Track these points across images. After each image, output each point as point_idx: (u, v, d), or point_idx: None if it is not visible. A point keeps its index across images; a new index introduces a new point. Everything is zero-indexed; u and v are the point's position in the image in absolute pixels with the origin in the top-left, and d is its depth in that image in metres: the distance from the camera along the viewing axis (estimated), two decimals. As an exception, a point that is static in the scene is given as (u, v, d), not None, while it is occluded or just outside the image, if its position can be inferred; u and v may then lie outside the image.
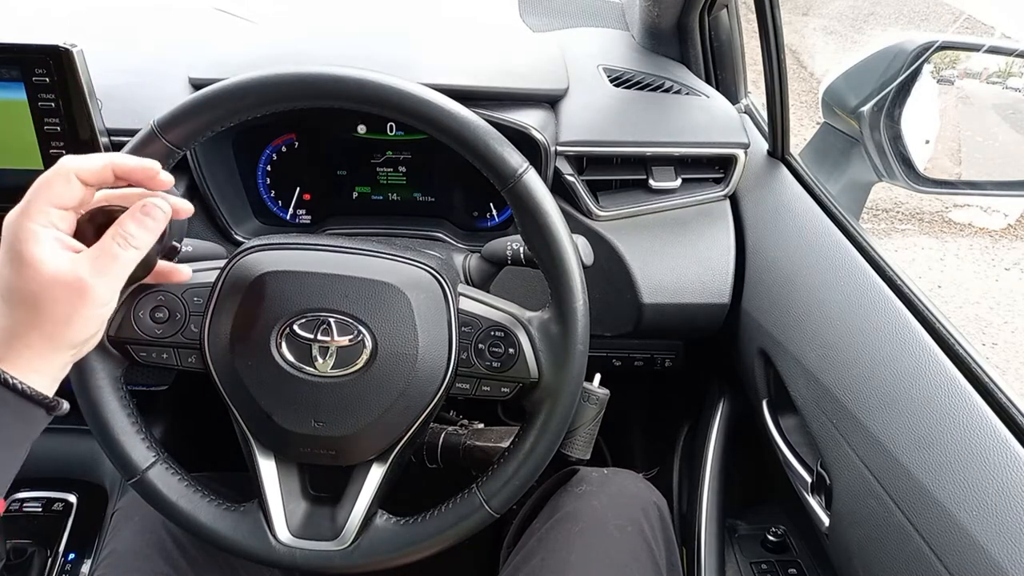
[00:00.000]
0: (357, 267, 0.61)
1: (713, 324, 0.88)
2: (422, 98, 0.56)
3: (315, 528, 0.63)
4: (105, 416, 0.61)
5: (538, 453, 0.61)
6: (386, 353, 0.59)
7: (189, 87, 0.85)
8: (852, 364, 0.66)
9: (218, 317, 0.60)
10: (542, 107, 0.87)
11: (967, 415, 0.55)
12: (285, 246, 0.63)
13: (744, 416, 0.95)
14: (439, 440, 0.76)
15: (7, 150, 0.76)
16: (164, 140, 0.56)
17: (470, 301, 0.63)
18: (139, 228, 0.49)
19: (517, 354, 0.61)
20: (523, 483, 0.61)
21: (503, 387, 0.62)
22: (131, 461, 0.62)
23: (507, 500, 0.61)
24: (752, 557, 0.86)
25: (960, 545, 0.50)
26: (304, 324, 0.59)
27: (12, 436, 0.47)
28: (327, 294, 0.59)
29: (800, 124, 3.05)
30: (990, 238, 3.07)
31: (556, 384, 0.60)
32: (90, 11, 1.04)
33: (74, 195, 0.48)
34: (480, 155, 0.57)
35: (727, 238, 0.87)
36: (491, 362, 0.61)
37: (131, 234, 0.49)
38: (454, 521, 0.62)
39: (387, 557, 0.62)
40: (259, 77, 0.56)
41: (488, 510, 0.61)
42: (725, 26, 1.03)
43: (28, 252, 0.46)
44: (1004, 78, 2.14)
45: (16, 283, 0.46)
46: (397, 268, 0.61)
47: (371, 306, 0.59)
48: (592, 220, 0.85)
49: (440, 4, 1.16)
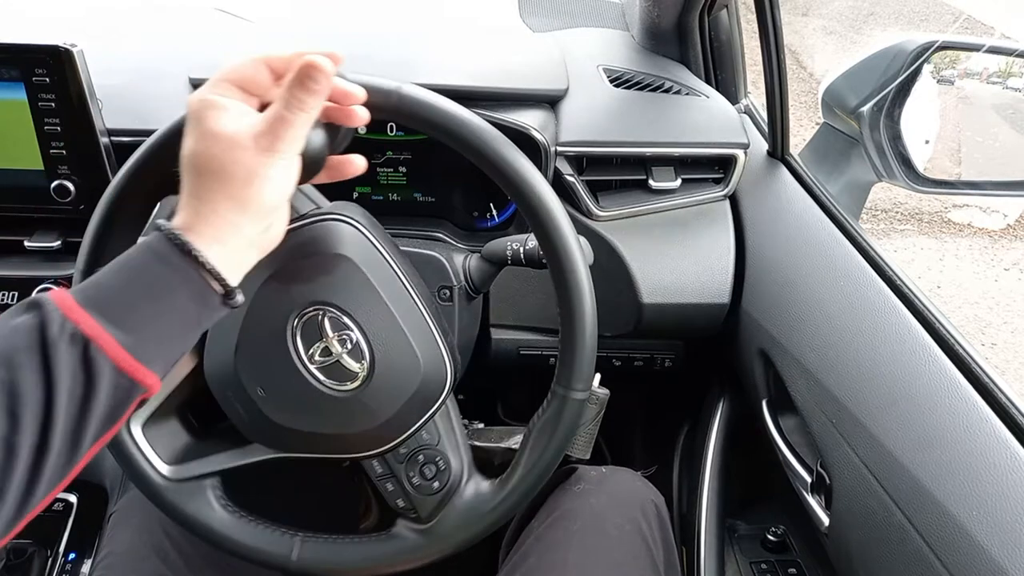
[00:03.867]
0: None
1: (713, 324, 0.88)
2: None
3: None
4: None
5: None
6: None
7: (189, 87, 0.85)
8: (852, 364, 0.66)
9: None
10: (542, 107, 0.87)
11: (967, 415, 0.55)
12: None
13: (744, 416, 0.95)
14: (439, 440, 0.76)
15: (7, 150, 0.76)
16: None
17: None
18: (304, 92, 0.48)
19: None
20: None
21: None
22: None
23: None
24: (752, 557, 0.86)
25: (960, 545, 0.50)
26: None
27: (187, 318, 0.47)
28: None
29: (799, 124, 3.05)
30: (989, 238, 3.08)
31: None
32: (90, 11, 1.04)
33: (260, 80, 0.50)
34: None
35: (727, 238, 0.87)
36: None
37: (298, 98, 0.48)
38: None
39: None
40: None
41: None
42: (725, 26, 1.03)
43: (210, 118, 0.47)
44: (1004, 78, 2.15)
45: (200, 149, 0.47)
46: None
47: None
48: (592, 220, 0.85)
49: (440, 5, 1.16)
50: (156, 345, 0.45)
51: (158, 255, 0.45)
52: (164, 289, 0.45)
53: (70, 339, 0.41)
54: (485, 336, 0.89)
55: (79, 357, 0.41)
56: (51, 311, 0.42)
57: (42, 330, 0.41)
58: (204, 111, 0.47)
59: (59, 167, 0.76)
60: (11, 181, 0.77)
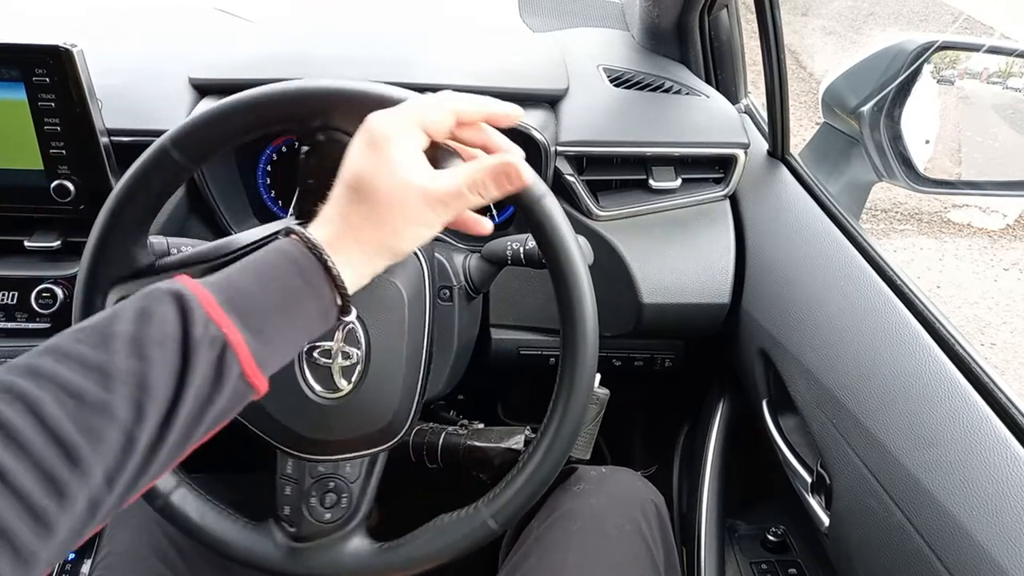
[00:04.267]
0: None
1: (713, 324, 0.88)
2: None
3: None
4: None
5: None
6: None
7: (189, 87, 0.85)
8: (852, 364, 0.66)
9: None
10: (542, 107, 0.87)
11: (967, 415, 0.55)
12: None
13: (744, 416, 0.95)
14: (439, 440, 0.76)
15: (7, 150, 0.76)
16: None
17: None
18: (496, 186, 0.50)
19: None
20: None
21: None
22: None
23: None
24: (752, 557, 0.86)
25: (960, 545, 0.50)
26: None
27: (309, 331, 0.47)
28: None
29: (799, 124, 3.05)
30: (989, 238, 3.08)
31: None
32: (90, 11, 1.04)
33: (442, 128, 0.50)
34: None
35: (727, 238, 0.87)
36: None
37: (487, 187, 0.49)
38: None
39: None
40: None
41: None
42: (725, 26, 1.03)
43: (393, 151, 0.47)
44: (1004, 78, 2.15)
45: (369, 171, 0.47)
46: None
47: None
48: (592, 220, 0.85)
49: (440, 5, 1.16)
50: (277, 354, 0.45)
51: (299, 267, 0.46)
52: (297, 301, 0.45)
53: (210, 342, 0.41)
54: (485, 336, 0.89)
55: (214, 360, 0.41)
56: (195, 309, 0.41)
57: (185, 328, 0.41)
58: (388, 137, 0.48)
59: (59, 167, 0.76)
60: (11, 181, 0.77)
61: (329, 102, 0.55)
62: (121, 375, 0.38)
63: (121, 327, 0.40)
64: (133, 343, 0.39)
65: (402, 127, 0.48)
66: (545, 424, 0.59)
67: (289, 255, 0.46)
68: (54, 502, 0.35)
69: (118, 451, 0.38)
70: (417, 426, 0.75)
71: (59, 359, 0.38)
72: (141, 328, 0.40)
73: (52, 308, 0.78)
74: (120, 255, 0.58)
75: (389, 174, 0.47)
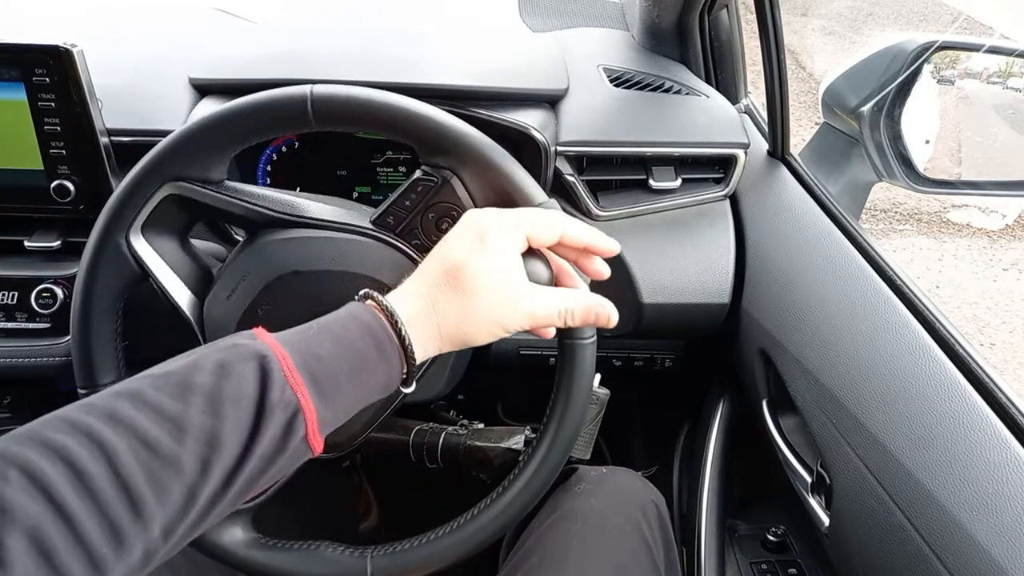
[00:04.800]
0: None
1: (713, 324, 0.88)
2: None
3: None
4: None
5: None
6: None
7: (189, 87, 0.85)
8: (852, 364, 0.66)
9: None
10: (542, 107, 0.87)
11: (967, 415, 0.55)
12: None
13: (744, 416, 0.95)
14: (439, 440, 0.76)
15: (7, 150, 0.76)
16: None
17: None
18: (582, 320, 0.52)
19: None
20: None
21: None
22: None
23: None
24: (752, 557, 0.86)
25: (960, 545, 0.50)
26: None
27: (370, 397, 0.47)
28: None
29: (799, 125, 3.05)
30: (988, 238, 3.08)
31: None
32: (90, 11, 1.04)
33: (544, 242, 0.52)
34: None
35: (727, 238, 0.87)
36: None
37: (574, 315, 0.52)
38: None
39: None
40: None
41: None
42: (725, 26, 1.03)
43: (501, 254, 0.49)
44: (1004, 78, 2.14)
45: (474, 272, 0.48)
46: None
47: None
48: (592, 220, 0.85)
49: (440, 4, 1.16)
50: (337, 417, 0.46)
51: (376, 340, 0.46)
52: (368, 371, 0.46)
53: (284, 406, 0.42)
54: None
55: (284, 424, 0.42)
56: (275, 372, 0.42)
57: (263, 390, 0.41)
58: (499, 240, 0.49)
59: (59, 167, 0.76)
60: (11, 181, 0.77)
61: (478, 162, 0.57)
62: (195, 430, 0.39)
63: (200, 379, 0.41)
64: (210, 398, 0.40)
65: (512, 231, 0.50)
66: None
67: (368, 326, 0.47)
68: (112, 551, 0.36)
69: (179, 505, 0.38)
70: (416, 426, 0.75)
71: (138, 406, 0.39)
72: (220, 383, 0.41)
73: (52, 308, 0.78)
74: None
75: (493, 276, 0.48)
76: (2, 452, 0.35)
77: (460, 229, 0.51)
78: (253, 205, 0.60)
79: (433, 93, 0.82)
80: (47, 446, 0.36)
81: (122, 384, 0.40)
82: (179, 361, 0.42)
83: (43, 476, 0.34)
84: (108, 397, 0.39)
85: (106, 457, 0.36)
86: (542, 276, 0.53)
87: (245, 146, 0.59)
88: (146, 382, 0.40)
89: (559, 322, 0.52)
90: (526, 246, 0.51)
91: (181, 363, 0.42)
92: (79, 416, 0.38)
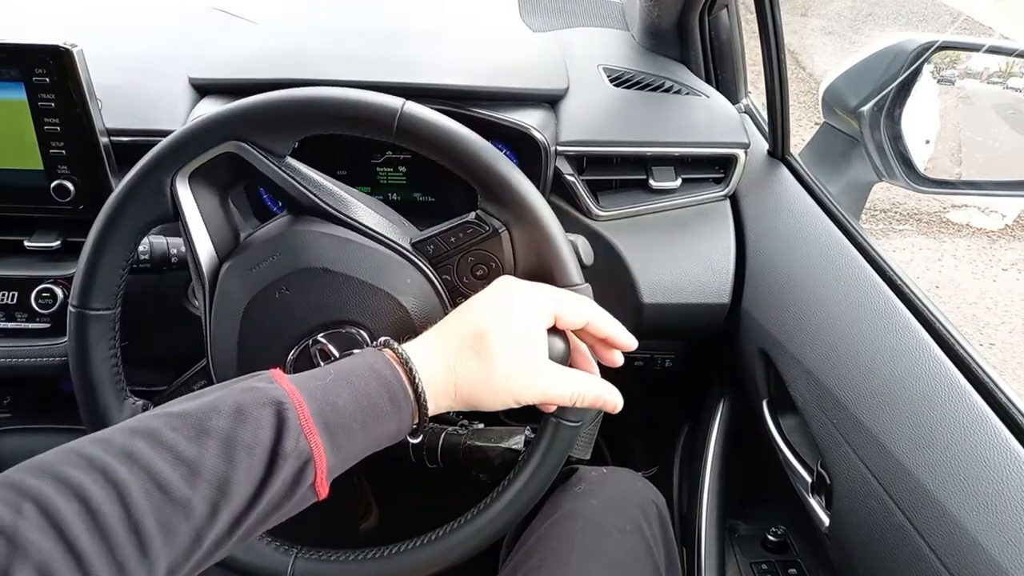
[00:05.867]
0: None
1: (713, 324, 0.88)
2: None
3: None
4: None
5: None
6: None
7: (189, 87, 0.85)
8: (852, 364, 0.66)
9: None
10: (542, 107, 0.87)
11: (967, 415, 0.55)
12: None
13: (744, 416, 0.95)
14: (439, 440, 0.76)
15: (7, 150, 0.76)
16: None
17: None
18: (592, 403, 0.54)
19: None
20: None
21: None
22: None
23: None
24: (752, 557, 0.86)
25: (960, 545, 0.50)
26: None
27: (379, 444, 0.48)
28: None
29: (799, 125, 3.05)
30: (988, 238, 3.07)
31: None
32: (90, 11, 1.04)
33: (569, 324, 0.54)
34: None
35: (727, 238, 0.87)
36: None
37: (583, 400, 0.54)
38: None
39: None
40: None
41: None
42: (725, 26, 1.03)
43: (531, 329, 0.51)
44: (1004, 78, 2.14)
45: (500, 341, 0.49)
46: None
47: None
48: (592, 220, 0.85)
49: (440, 4, 1.16)
50: (344, 464, 0.46)
51: (391, 393, 0.47)
52: (381, 422, 0.47)
53: (298, 456, 0.42)
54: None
55: (295, 473, 0.42)
56: (291, 420, 0.42)
57: (278, 438, 0.42)
58: (530, 314, 0.51)
59: (59, 167, 0.76)
60: (11, 181, 0.77)
61: (533, 226, 0.57)
62: (207, 474, 0.39)
63: (217, 422, 0.41)
64: (225, 443, 0.40)
65: (544, 308, 0.52)
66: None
67: (385, 379, 0.47)
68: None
69: (185, 547, 0.39)
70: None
71: (154, 446, 0.39)
72: (236, 427, 0.41)
73: (52, 308, 0.78)
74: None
75: (517, 349, 0.50)
76: (18, 484, 0.36)
77: (493, 295, 0.52)
78: (306, 189, 0.60)
79: (433, 93, 0.82)
80: (63, 482, 0.36)
81: (140, 420, 0.41)
82: (197, 400, 0.43)
83: (57, 513, 0.35)
84: (125, 434, 0.40)
85: (120, 497, 0.37)
86: (561, 354, 0.54)
87: (317, 133, 0.59)
88: (163, 421, 0.41)
89: (568, 403, 0.53)
90: (552, 324, 0.53)
91: (199, 403, 0.42)
92: (96, 452, 0.38)
